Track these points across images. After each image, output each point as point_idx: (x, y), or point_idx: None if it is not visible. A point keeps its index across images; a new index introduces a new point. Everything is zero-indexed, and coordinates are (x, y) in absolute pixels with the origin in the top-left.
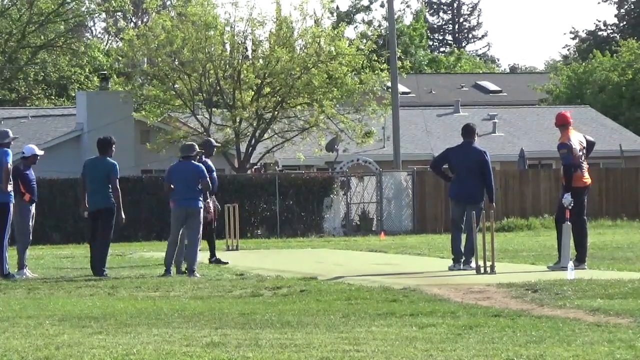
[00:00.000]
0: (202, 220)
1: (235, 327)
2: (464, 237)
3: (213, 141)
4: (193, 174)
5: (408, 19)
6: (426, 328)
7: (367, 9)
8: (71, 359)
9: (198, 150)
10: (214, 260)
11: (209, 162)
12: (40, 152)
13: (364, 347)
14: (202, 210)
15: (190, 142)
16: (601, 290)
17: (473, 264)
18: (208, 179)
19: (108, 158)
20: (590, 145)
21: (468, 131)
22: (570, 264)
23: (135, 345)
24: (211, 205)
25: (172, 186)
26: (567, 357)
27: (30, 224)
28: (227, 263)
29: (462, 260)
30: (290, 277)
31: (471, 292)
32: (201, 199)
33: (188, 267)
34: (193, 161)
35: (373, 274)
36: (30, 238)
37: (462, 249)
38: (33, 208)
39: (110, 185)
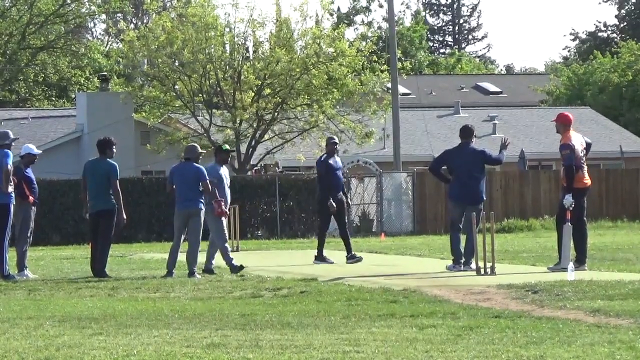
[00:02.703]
0: (202, 222)
1: (236, 328)
2: (462, 237)
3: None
4: (193, 175)
5: (408, 20)
6: (426, 329)
7: (367, 9)
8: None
9: (200, 151)
10: (350, 257)
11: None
12: (37, 152)
13: (364, 348)
14: (202, 212)
15: (192, 144)
16: (601, 291)
17: (473, 265)
18: (207, 181)
19: (108, 159)
20: (588, 146)
21: (467, 132)
22: (571, 265)
23: (135, 347)
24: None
25: (173, 187)
26: (567, 358)
27: (32, 225)
28: (362, 259)
29: (462, 261)
30: (291, 278)
31: (471, 293)
32: (202, 200)
33: (189, 269)
34: (194, 163)
35: (373, 275)
36: (30, 239)
37: (462, 250)
38: (34, 209)
39: (110, 187)
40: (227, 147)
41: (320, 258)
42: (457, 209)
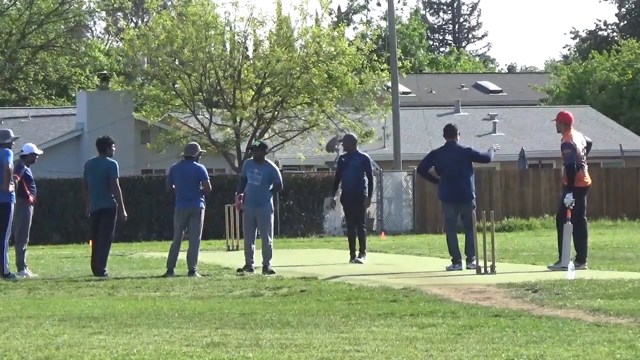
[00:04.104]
0: (202, 221)
1: (236, 327)
2: (460, 237)
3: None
4: (194, 174)
5: (405, 18)
6: (426, 328)
7: (364, 8)
8: (71, 359)
9: (200, 151)
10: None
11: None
12: (39, 152)
13: (364, 347)
14: (203, 211)
15: (193, 143)
16: (601, 290)
17: (474, 262)
18: (208, 180)
19: (108, 158)
20: (588, 145)
21: (452, 131)
22: (571, 264)
23: (135, 346)
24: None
25: (173, 186)
26: (567, 357)
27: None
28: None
29: (464, 259)
30: (291, 277)
31: (471, 292)
32: (202, 199)
33: (189, 267)
34: (195, 162)
35: (373, 273)
36: (28, 238)
37: (459, 249)
38: (32, 209)
39: (110, 185)
40: (257, 143)
41: (352, 257)
42: (450, 208)
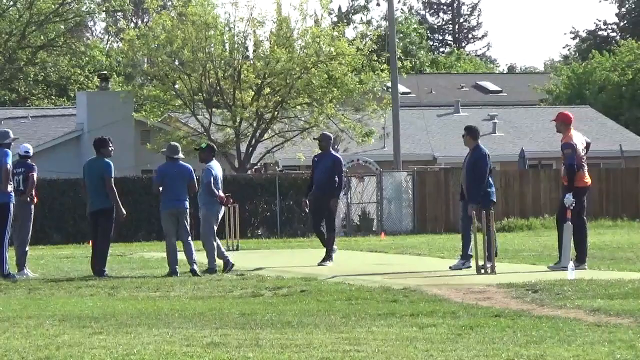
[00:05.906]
0: (189, 220)
1: (236, 327)
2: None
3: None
4: (187, 175)
5: (404, 18)
6: (426, 328)
7: (364, 8)
8: (71, 359)
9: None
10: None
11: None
12: (30, 152)
13: (364, 347)
14: (188, 210)
15: (173, 143)
16: (601, 290)
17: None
18: (195, 180)
19: (104, 158)
20: (587, 145)
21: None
22: (571, 264)
23: (135, 346)
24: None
25: (160, 188)
26: (567, 357)
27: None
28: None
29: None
30: (291, 277)
31: (471, 292)
32: (187, 199)
33: (190, 267)
34: (181, 162)
35: (373, 274)
36: (29, 239)
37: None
38: (33, 208)
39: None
40: (204, 144)
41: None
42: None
